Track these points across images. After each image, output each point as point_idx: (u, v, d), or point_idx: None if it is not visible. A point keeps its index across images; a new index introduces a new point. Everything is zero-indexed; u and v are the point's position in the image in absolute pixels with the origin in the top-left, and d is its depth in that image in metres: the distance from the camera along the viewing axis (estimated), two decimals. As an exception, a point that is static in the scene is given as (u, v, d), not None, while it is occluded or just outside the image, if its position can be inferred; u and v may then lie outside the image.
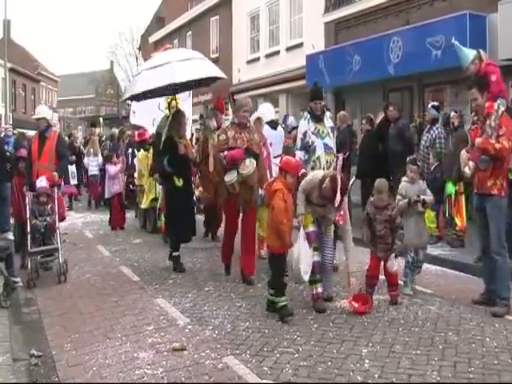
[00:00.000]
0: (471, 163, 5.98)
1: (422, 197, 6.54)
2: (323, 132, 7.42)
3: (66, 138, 20.03)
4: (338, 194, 5.80)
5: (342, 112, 12.52)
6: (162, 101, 10.14)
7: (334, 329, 5.46)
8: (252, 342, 5.11)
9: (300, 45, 18.55)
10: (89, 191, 16.55)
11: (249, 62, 22.21)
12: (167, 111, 9.45)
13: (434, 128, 9.41)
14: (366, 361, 4.68)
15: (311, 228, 6.07)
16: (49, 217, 7.79)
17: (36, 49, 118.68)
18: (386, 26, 13.89)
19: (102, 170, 15.60)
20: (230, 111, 15.00)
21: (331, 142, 7.52)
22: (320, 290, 6.07)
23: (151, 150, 10.42)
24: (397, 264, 6.24)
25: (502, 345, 5.00)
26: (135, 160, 12.27)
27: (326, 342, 5.13)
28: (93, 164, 15.73)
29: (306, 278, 5.90)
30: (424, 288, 6.87)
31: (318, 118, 7.48)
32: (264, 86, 19.86)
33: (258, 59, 21.62)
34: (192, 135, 12.54)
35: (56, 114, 57.37)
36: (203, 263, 8.40)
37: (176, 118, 8.24)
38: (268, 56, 21.01)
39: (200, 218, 10.18)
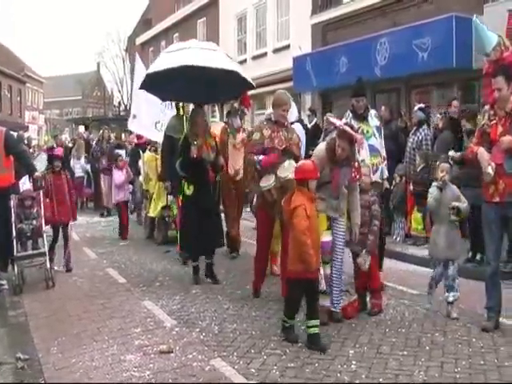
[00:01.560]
0: (493, 164, 5.22)
1: (455, 204, 5.79)
2: (367, 132, 6.84)
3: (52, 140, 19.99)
4: (355, 134, 5.49)
5: (328, 114, 12.52)
6: (169, 104, 10.07)
7: (321, 330, 5.45)
8: (239, 344, 5.11)
9: (287, 47, 18.61)
10: (75, 193, 16.44)
11: (236, 63, 22.20)
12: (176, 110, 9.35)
13: (421, 130, 9.46)
14: (353, 361, 4.69)
15: (326, 237, 5.53)
16: (35, 220, 7.63)
17: (22, 50, 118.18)
18: (372, 28, 13.93)
19: (90, 174, 15.63)
20: (218, 115, 14.93)
21: (377, 142, 6.91)
22: None
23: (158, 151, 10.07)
24: (369, 261, 5.83)
25: (488, 345, 5.04)
26: (139, 163, 11.93)
27: (314, 343, 5.13)
28: (77, 166, 15.80)
29: None
30: (411, 289, 6.91)
31: (360, 117, 6.90)
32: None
33: (245, 61, 21.60)
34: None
35: (42, 116, 57.11)
36: (190, 266, 8.29)
37: (191, 116, 7.64)
38: (255, 58, 21.06)
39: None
